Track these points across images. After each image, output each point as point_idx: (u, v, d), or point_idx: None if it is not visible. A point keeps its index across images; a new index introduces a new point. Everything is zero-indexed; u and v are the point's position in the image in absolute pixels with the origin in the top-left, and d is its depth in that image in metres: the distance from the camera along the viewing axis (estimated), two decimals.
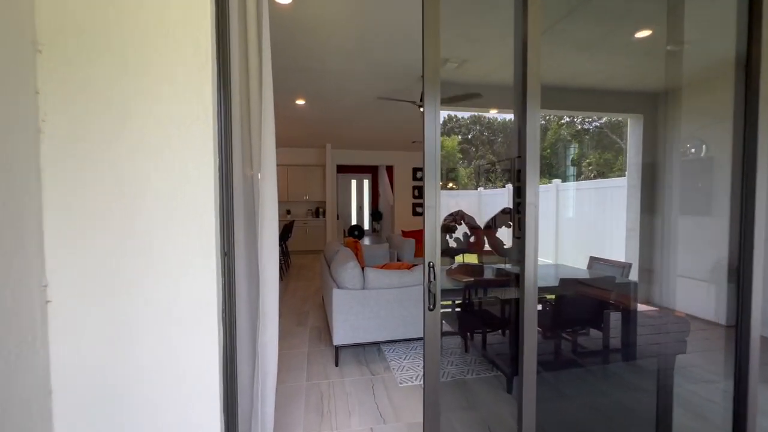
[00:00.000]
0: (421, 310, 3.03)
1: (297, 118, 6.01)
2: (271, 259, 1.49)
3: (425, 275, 1.49)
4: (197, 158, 1.18)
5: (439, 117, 1.49)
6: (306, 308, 4.49)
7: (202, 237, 1.18)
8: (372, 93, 4.67)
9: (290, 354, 3.15)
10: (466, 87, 4.34)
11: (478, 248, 3.99)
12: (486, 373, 2.81)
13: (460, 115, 8.04)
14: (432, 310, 1.50)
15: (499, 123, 9.04)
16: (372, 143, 8.63)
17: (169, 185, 1.16)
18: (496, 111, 5.55)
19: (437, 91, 1.47)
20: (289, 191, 9.31)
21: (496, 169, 7.14)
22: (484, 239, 4.09)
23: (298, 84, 4.33)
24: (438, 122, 1.48)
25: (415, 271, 3.12)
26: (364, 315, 2.91)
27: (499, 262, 4.65)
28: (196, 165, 1.18)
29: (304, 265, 7.40)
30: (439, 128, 1.49)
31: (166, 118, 1.16)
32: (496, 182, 6.32)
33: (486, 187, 6.88)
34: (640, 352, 2.80)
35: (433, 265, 1.48)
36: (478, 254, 5.51)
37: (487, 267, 4.26)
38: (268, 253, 1.47)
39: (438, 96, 1.48)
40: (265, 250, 1.46)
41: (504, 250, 3.46)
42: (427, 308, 1.51)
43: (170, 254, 1.17)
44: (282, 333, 3.61)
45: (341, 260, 3.19)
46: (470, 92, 3.88)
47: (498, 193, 6.02)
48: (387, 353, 3.15)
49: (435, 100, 1.46)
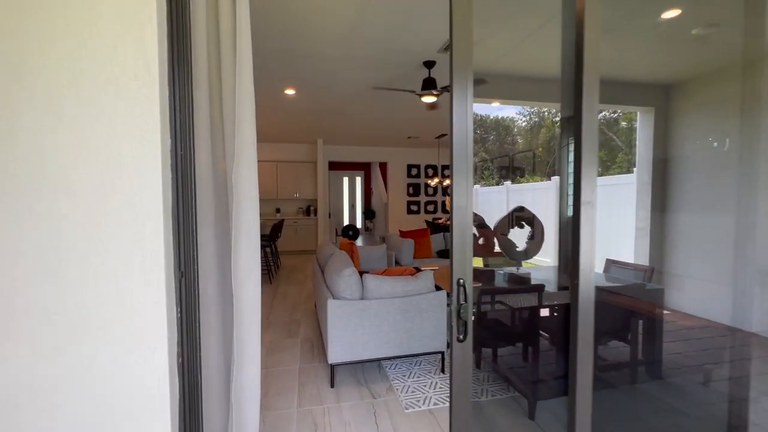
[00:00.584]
0: (428, 322, 2.69)
1: (287, 110, 5.61)
2: (251, 277, 1.12)
3: (454, 296, 1.14)
4: (136, 137, 0.80)
5: (471, 105, 1.19)
6: (297, 316, 4.12)
7: (145, 253, 0.81)
8: (367, 81, 4.30)
9: (278, 372, 2.78)
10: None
11: (487, 251, 3.65)
12: (501, 394, 2.48)
13: None
14: (462, 340, 1.15)
15: (492, 121, 8.76)
16: (365, 139, 8.26)
17: (92, 177, 0.79)
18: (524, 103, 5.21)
19: (469, 75, 1.20)
20: (278, 189, 8.89)
21: (490, 167, 6.89)
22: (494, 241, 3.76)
23: (288, 70, 3.94)
24: (470, 110, 1.20)
25: (420, 277, 2.77)
26: (364, 329, 2.56)
27: (505, 264, 4.33)
28: (134, 147, 0.81)
29: (295, 267, 7.01)
30: (471, 117, 1.18)
31: (87, 77, 0.79)
32: (489, 180, 6.09)
33: (481, 184, 6.60)
34: (685, 369, 2.51)
35: (464, 283, 1.13)
36: (483, 257, 5.15)
37: (497, 271, 3.93)
38: (246, 268, 1.11)
39: (470, 80, 1.22)
40: (242, 266, 1.10)
41: (517, 253, 3.13)
42: (456, 338, 1.16)
43: (93, 282, 0.79)
44: (269, 346, 3.23)
45: (337, 266, 2.83)
46: (476, 77, 3.53)
47: (493, 191, 5.75)
48: (389, 370, 2.80)
49: (466, 84, 1.19)
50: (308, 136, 7.98)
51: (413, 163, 9.68)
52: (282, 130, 7.25)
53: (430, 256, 5.19)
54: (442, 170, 9.77)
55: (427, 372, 2.77)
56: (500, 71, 4.02)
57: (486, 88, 3.52)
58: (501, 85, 4.60)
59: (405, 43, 3.31)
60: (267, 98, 5.00)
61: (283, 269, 6.80)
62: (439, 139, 8.20)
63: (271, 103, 5.22)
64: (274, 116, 6.06)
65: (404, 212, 9.73)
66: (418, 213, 9.79)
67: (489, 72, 4.15)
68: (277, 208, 9.06)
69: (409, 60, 3.70)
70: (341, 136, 7.98)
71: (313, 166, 8.92)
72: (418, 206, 9.80)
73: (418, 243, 5.07)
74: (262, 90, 4.63)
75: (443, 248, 5.40)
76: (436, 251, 5.32)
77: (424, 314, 2.68)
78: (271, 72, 3.98)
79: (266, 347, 3.21)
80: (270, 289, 5.30)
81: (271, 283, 5.62)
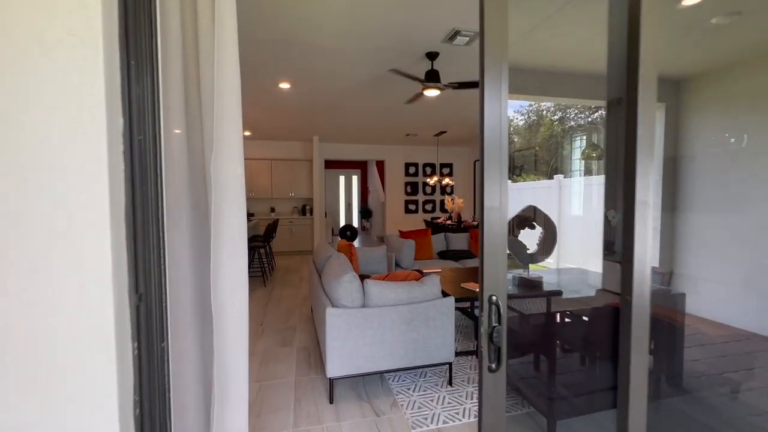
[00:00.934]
0: (434, 331, 2.48)
1: (281, 105, 5.37)
2: (236, 295, 0.91)
3: (485, 316, 0.94)
4: (71, 114, 0.59)
5: (506, 95, 1.00)
6: (292, 321, 3.90)
7: (84, 275, 0.60)
8: (365, 74, 4.08)
9: (273, 386, 2.56)
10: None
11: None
12: (516, 410, 2.29)
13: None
14: (495, 370, 0.95)
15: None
16: (362, 136, 8.03)
17: (7, 171, 0.57)
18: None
19: (504, 61, 0.98)
20: (273, 187, 8.65)
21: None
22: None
23: (282, 62, 3.71)
24: (504, 101, 1.00)
25: (425, 282, 2.56)
26: (365, 339, 2.35)
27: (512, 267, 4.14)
28: (70, 128, 0.59)
29: (290, 268, 6.78)
30: (506, 108, 0.99)
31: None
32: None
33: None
34: (706, 378, 2.32)
35: (498, 301, 0.92)
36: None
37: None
38: (230, 285, 0.89)
39: (505, 66, 0.98)
40: (224, 281, 0.88)
41: (527, 255, 2.94)
42: (487, 368, 0.96)
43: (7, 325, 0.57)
44: (263, 357, 3.02)
45: (335, 270, 2.62)
46: (476, 80, 3.27)
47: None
48: (392, 383, 2.59)
49: (500, 72, 0.98)
50: (304, 134, 7.75)
51: (411, 162, 9.48)
52: (277, 126, 7.01)
53: (432, 257, 4.99)
54: (440, 169, 9.57)
55: (433, 385, 2.56)
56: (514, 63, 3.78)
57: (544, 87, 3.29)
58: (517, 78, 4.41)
59: (406, 32, 3.10)
60: (260, 93, 4.77)
61: (278, 270, 6.57)
62: (437, 136, 8.00)
63: (265, 97, 4.99)
64: (269, 112, 5.82)
65: (402, 211, 9.52)
66: (416, 212, 9.59)
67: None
68: (271, 208, 8.81)
69: (410, 50, 3.49)
70: (338, 134, 7.76)
71: (309, 165, 8.69)
72: (416, 205, 9.60)
73: (419, 244, 4.87)
74: (254, 84, 4.39)
75: (444, 249, 5.21)
76: (437, 252, 5.12)
77: (430, 323, 2.48)
78: (265, 64, 3.75)
79: (259, 358, 2.99)
80: (264, 292, 5.07)
81: (266, 286, 5.39)
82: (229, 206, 0.90)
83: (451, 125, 6.99)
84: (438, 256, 5.07)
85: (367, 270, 4.28)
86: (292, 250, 8.46)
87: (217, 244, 0.89)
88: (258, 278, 5.74)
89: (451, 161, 9.71)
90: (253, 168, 8.39)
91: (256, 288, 5.27)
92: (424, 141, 8.64)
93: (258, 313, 4.18)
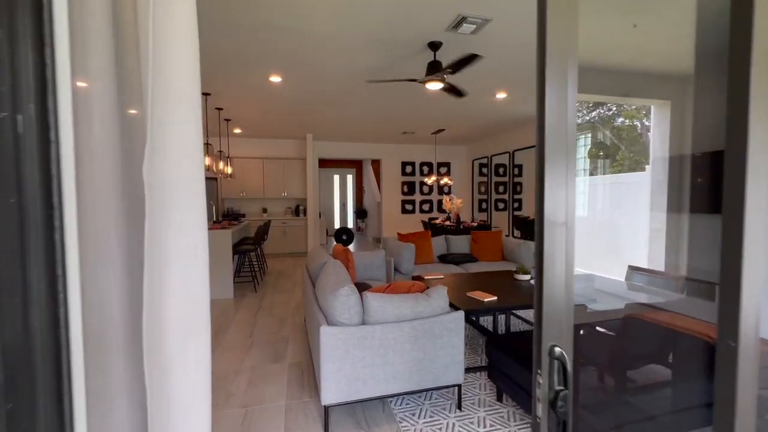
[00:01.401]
0: (442, 350, 2.22)
1: (272, 100, 5.07)
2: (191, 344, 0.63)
3: (545, 375, 0.67)
4: None
5: (575, 87, 0.73)
6: (284, 332, 3.61)
7: None
8: (361, 66, 3.80)
9: (261, 412, 2.28)
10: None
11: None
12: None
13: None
14: None
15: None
16: (358, 134, 7.75)
17: None
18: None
19: (573, 49, 0.73)
20: (265, 187, 8.34)
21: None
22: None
23: (273, 53, 3.41)
24: (573, 91, 0.72)
25: (432, 295, 2.29)
26: (365, 361, 2.08)
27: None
28: None
29: (283, 272, 6.48)
30: (573, 101, 0.72)
31: None
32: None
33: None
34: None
35: (562, 354, 0.65)
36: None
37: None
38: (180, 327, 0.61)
39: (573, 53, 0.73)
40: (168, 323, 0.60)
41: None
42: None
43: None
44: (251, 375, 2.73)
45: (331, 281, 2.34)
46: (470, 53, 2.91)
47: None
48: (395, 408, 2.32)
49: (567, 60, 0.70)
50: (297, 131, 7.44)
51: (408, 161, 9.21)
52: (268, 123, 6.70)
53: (432, 261, 4.73)
54: (438, 168, 9.32)
55: (441, 409, 2.30)
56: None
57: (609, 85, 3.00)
58: (509, 73, 4.12)
59: (407, 19, 2.82)
60: (250, 86, 4.47)
61: (270, 274, 6.27)
62: (435, 134, 7.74)
63: (255, 92, 4.69)
64: (259, 107, 5.51)
65: (399, 212, 9.25)
66: (413, 213, 9.33)
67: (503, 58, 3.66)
68: (263, 208, 8.51)
69: (412, 40, 3.21)
70: (332, 132, 7.46)
71: (302, 163, 8.38)
72: (413, 205, 9.33)
73: (419, 247, 4.60)
74: (243, 76, 4.09)
75: (445, 252, 4.95)
76: (438, 255, 4.86)
77: (437, 341, 2.21)
78: (253, 54, 3.46)
79: (247, 376, 2.71)
80: (254, 299, 4.78)
81: (256, 292, 5.09)
82: (180, 220, 0.61)
83: (450, 123, 6.73)
84: (438, 259, 4.81)
85: (366, 277, 4.00)
86: (285, 252, 8.16)
87: (161, 279, 0.61)
88: (248, 283, 5.44)
89: (449, 160, 9.46)
90: (245, 167, 8.07)
91: (246, 294, 4.97)
92: (422, 139, 8.38)
93: (247, 323, 3.89)
